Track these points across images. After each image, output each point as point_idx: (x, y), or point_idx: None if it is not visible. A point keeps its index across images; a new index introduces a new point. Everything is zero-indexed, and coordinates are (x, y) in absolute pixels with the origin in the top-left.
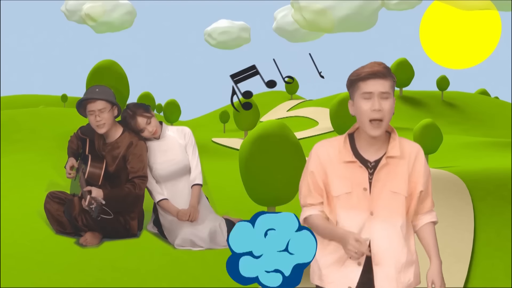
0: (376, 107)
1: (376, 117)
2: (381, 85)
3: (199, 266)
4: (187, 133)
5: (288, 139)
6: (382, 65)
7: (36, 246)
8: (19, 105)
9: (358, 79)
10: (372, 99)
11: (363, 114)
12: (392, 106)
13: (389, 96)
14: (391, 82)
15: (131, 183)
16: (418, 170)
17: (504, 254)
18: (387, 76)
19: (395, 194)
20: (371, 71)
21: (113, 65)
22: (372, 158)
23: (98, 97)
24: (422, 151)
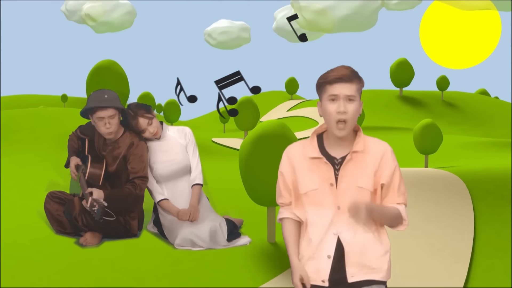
0: (341, 109)
1: (341, 118)
2: (347, 89)
3: (199, 266)
4: (187, 133)
5: (288, 139)
6: (349, 69)
7: (36, 246)
8: (19, 105)
9: (325, 82)
10: (337, 102)
11: (329, 115)
12: (357, 108)
13: (354, 99)
14: (357, 86)
15: (131, 184)
16: (383, 165)
17: (504, 254)
18: (353, 80)
19: (361, 189)
20: (337, 75)
21: (113, 65)
22: (339, 155)
23: (110, 105)
24: (390, 149)
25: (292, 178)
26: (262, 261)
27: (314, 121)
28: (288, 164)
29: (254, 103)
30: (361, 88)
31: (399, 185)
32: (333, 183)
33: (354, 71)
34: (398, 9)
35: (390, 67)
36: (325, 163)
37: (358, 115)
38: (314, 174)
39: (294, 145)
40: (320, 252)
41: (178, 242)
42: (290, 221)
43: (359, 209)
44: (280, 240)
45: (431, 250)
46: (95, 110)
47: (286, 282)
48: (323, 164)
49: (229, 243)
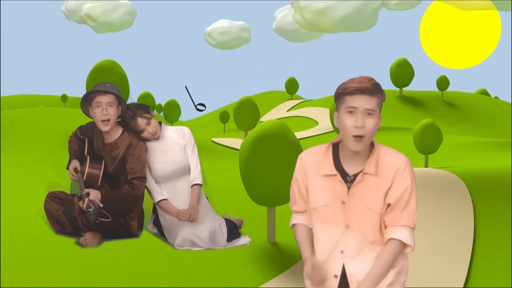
0: (359, 124)
1: (358, 133)
2: (367, 102)
3: (199, 266)
4: (186, 133)
5: (288, 139)
6: (372, 81)
7: (36, 246)
8: (19, 105)
9: (344, 93)
10: (356, 115)
11: (346, 128)
12: (376, 123)
13: (374, 113)
14: (378, 100)
15: (129, 184)
16: (394, 183)
17: (504, 254)
18: (375, 93)
19: (370, 210)
20: (358, 86)
21: (113, 65)
22: (352, 171)
23: (109, 91)
24: (405, 166)
25: (306, 186)
26: (262, 261)
27: (314, 121)
28: (302, 172)
29: (254, 103)
30: (382, 102)
31: (407, 204)
32: (345, 201)
33: (377, 83)
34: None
35: (390, 67)
36: (339, 181)
37: (377, 130)
38: (327, 189)
39: (309, 152)
40: (326, 271)
41: (178, 243)
42: (304, 226)
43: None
44: (280, 240)
45: (431, 250)
46: (95, 94)
47: (286, 282)
48: (337, 181)
49: (229, 243)
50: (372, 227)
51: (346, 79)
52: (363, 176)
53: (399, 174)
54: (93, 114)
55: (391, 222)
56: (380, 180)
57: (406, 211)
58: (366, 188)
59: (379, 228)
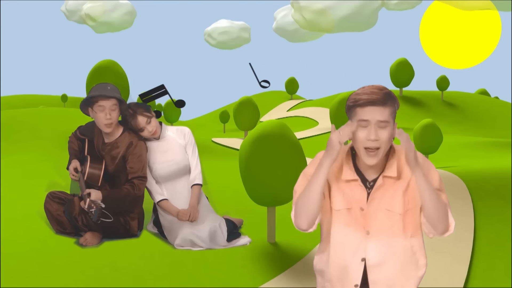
0: (372, 137)
1: (371, 146)
2: (380, 114)
3: (199, 266)
4: (186, 133)
5: (288, 139)
6: (384, 91)
7: (36, 246)
8: (19, 105)
9: (355, 105)
10: (368, 128)
11: (358, 141)
12: (391, 134)
13: (387, 125)
14: (391, 109)
15: (130, 184)
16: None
17: (504, 254)
18: (387, 103)
19: (389, 212)
20: (369, 98)
21: (113, 65)
22: (370, 176)
23: (112, 95)
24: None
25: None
26: (262, 261)
27: (314, 121)
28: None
29: (254, 103)
30: (395, 111)
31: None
32: (363, 207)
33: (389, 93)
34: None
35: (390, 67)
36: (359, 186)
37: (392, 140)
38: (348, 194)
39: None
40: (346, 279)
41: (178, 242)
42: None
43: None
44: (280, 240)
45: (431, 250)
46: (97, 99)
47: (286, 282)
48: (357, 186)
49: (229, 243)
50: (393, 230)
51: (346, 79)
52: (384, 180)
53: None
54: (95, 117)
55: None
56: (401, 183)
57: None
58: (386, 191)
59: (402, 230)
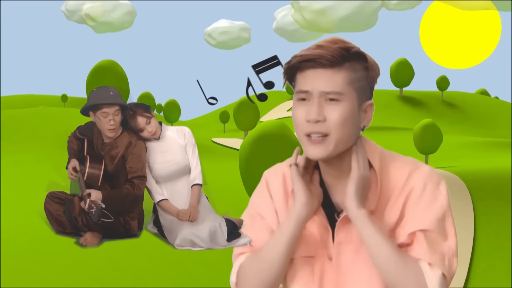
0: (312, 117)
1: (312, 130)
2: (325, 80)
3: (199, 266)
4: (186, 133)
5: (288, 139)
6: (339, 44)
7: (36, 246)
8: (19, 105)
9: (290, 67)
10: (310, 102)
11: (296, 126)
12: (349, 115)
13: (341, 98)
14: (351, 75)
15: (130, 184)
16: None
17: (504, 254)
18: (342, 64)
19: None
20: (309, 55)
21: (113, 65)
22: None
23: (116, 102)
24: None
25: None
26: None
27: None
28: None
29: (255, 103)
30: (363, 77)
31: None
32: (331, 256)
33: (348, 48)
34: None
35: (390, 67)
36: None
37: (358, 127)
38: (307, 232)
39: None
40: None
41: (178, 242)
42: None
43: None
44: None
45: None
46: (101, 106)
47: None
48: (318, 220)
49: (229, 243)
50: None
51: None
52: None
53: (414, 199)
54: (97, 122)
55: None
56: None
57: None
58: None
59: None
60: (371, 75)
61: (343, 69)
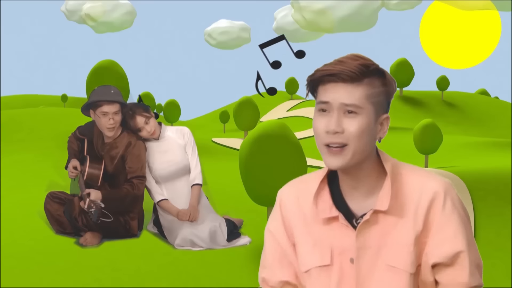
0: (332, 127)
1: (332, 141)
2: (346, 94)
3: (199, 266)
4: (186, 133)
5: (288, 139)
6: (358, 61)
7: (36, 246)
8: (19, 105)
9: (313, 80)
10: (330, 114)
11: (316, 135)
12: (366, 127)
13: (359, 111)
14: (369, 90)
15: (129, 184)
16: (433, 230)
17: (504, 254)
18: (361, 79)
19: (393, 269)
20: (331, 70)
21: (113, 65)
22: (360, 209)
23: (116, 100)
24: (445, 195)
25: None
26: None
27: None
28: (282, 221)
29: (254, 103)
30: (380, 93)
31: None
32: (354, 258)
33: (367, 64)
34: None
35: (390, 67)
36: (342, 225)
37: (374, 138)
38: (322, 241)
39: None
40: None
41: (178, 242)
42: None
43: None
44: None
45: None
46: (100, 104)
47: None
48: (340, 226)
49: (229, 243)
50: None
51: None
52: (375, 216)
53: (438, 210)
54: (97, 120)
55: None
56: (404, 220)
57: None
58: (384, 234)
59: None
60: (388, 91)
61: (362, 84)
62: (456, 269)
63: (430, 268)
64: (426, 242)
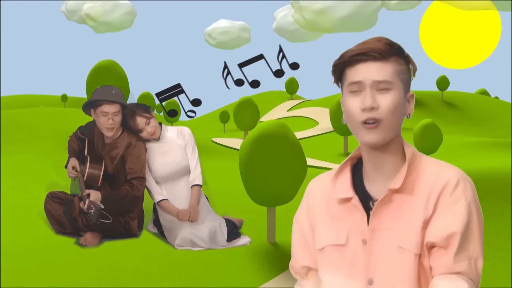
0: (368, 103)
1: (368, 117)
2: (377, 71)
3: (199, 266)
4: (186, 133)
5: (288, 139)
6: (383, 41)
7: (36, 246)
8: (19, 105)
9: (341, 63)
10: (363, 93)
11: (351, 116)
12: (398, 102)
13: (391, 86)
14: (397, 67)
15: (129, 184)
16: (439, 207)
17: (504, 254)
18: (388, 56)
19: (401, 249)
20: (361, 50)
21: (113, 65)
22: (378, 193)
23: (117, 100)
24: (458, 182)
25: (313, 227)
26: (262, 261)
27: (314, 121)
28: (306, 207)
29: (254, 103)
30: (407, 73)
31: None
32: (366, 239)
33: (392, 43)
34: (398, 9)
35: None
36: (355, 207)
37: (404, 114)
38: (340, 221)
39: (317, 179)
40: None
41: (178, 242)
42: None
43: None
44: (280, 240)
45: None
46: (101, 103)
47: (286, 282)
48: (353, 207)
49: (229, 243)
50: (405, 278)
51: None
52: (390, 196)
53: (447, 194)
54: (97, 120)
55: (439, 269)
56: (416, 203)
57: (465, 254)
58: (398, 215)
59: (417, 279)
60: (411, 69)
61: (391, 61)
62: (446, 251)
63: (427, 251)
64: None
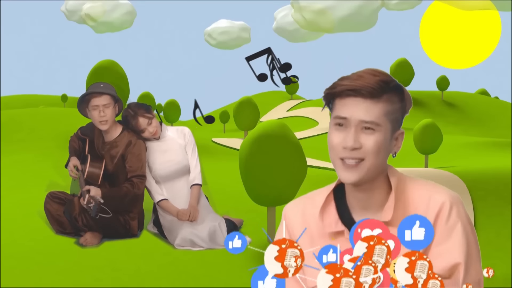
0: (349, 143)
1: (348, 155)
2: (365, 110)
3: (199, 266)
4: (186, 133)
5: (288, 139)
6: (378, 77)
7: (36, 246)
8: (19, 105)
9: (331, 93)
10: (347, 129)
11: (332, 149)
12: (382, 143)
13: (377, 129)
14: (388, 107)
15: (129, 183)
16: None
17: (504, 254)
18: (380, 96)
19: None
20: (351, 85)
21: (113, 65)
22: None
23: (104, 91)
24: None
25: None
26: (262, 261)
27: (314, 121)
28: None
29: (254, 103)
30: (397, 110)
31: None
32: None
33: (387, 80)
34: (398, 9)
35: (390, 67)
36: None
37: (389, 153)
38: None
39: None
40: None
41: (178, 242)
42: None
43: None
44: None
45: None
46: (89, 97)
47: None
48: (345, 241)
49: None
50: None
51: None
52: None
53: (442, 222)
54: (91, 116)
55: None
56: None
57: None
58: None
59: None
60: (405, 106)
61: (381, 101)
62: (451, 280)
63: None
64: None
